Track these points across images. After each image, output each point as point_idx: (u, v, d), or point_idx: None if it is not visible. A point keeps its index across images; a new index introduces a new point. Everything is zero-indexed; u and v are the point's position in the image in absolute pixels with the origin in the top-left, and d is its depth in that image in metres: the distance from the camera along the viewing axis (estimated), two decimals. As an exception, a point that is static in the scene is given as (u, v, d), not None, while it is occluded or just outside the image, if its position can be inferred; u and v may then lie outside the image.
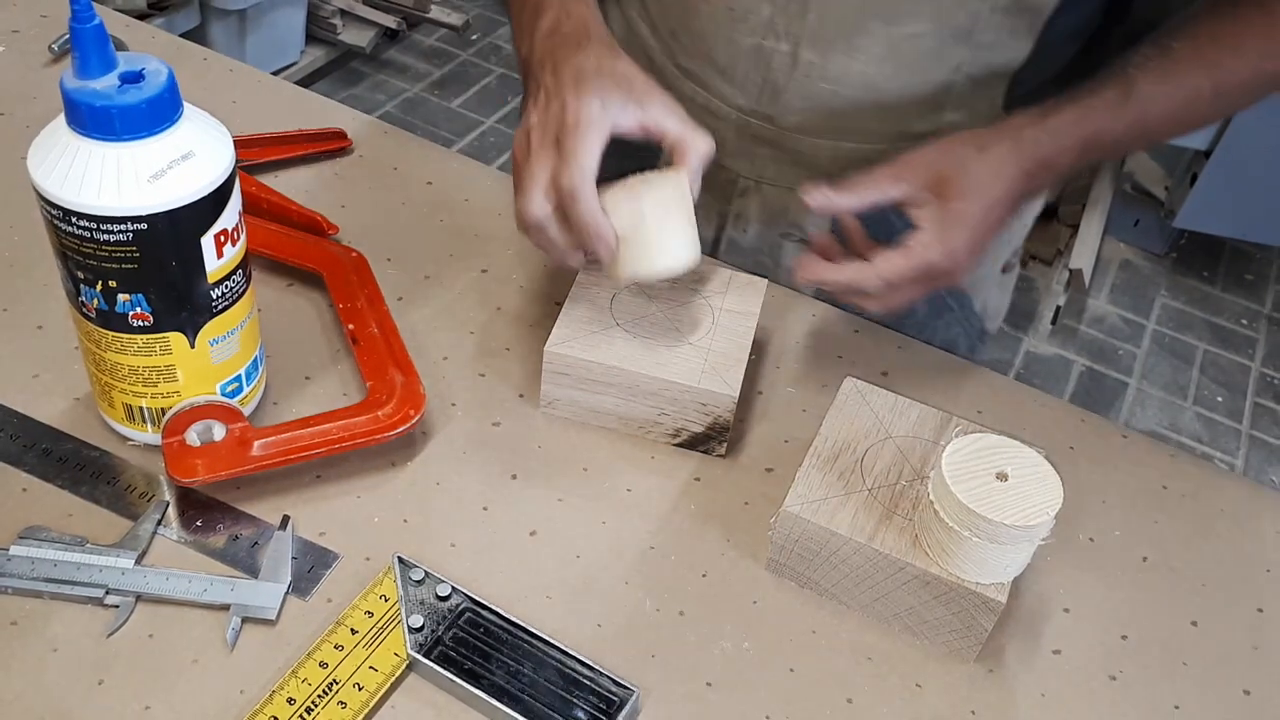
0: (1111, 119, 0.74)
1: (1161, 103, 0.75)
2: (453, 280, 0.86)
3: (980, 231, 0.73)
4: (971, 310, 0.99)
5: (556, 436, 0.76)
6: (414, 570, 0.65)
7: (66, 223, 0.59)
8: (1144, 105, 0.74)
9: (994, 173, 0.73)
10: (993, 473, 0.62)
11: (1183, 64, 0.75)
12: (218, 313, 0.65)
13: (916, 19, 0.78)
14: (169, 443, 0.67)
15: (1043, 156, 0.73)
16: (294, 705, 0.58)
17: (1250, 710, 0.67)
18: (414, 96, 3.02)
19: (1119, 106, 0.74)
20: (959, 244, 0.72)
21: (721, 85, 0.87)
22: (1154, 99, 0.75)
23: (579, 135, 0.69)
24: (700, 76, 0.88)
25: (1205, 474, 0.82)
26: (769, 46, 0.82)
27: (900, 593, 0.66)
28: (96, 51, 0.58)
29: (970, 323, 1.00)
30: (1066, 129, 0.73)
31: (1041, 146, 0.73)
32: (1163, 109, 0.75)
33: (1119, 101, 0.74)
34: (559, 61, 0.73)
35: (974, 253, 0.73)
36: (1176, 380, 2.53)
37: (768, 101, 0.86)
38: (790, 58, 0.82)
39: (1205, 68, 0.75)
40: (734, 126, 0.89)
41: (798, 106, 0.85)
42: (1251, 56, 0.75)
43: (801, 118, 0.85)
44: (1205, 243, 2.84)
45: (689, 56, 0.88)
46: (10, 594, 0.62)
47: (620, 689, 0.61)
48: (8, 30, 1.05)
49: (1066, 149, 0.74)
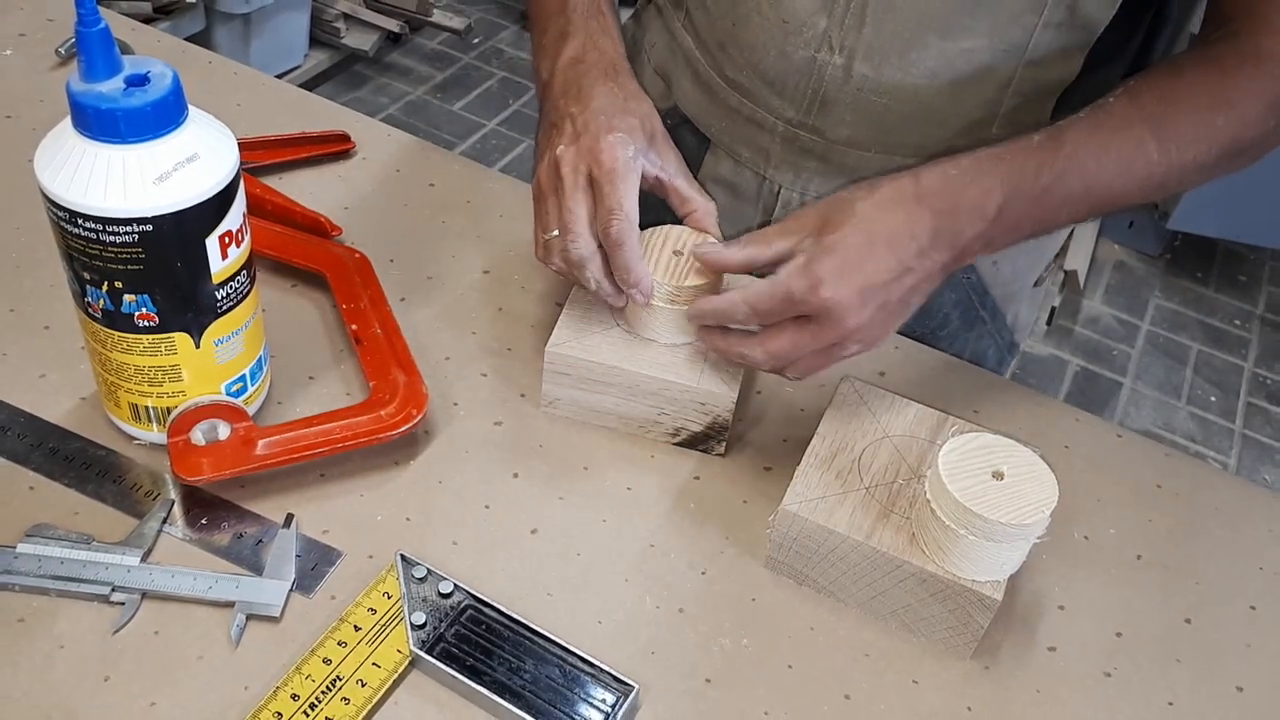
0: (1037, 161, 0.69)
1: (1096, 152, 0.70)
2: (455, 281, 0.87)
3: (860, 262, 0.66)
4: (1003, 323, 0.98)
5: (557, 436, 0.76)
6: (416, 568, 0.65)
7: (73, 224, 0.60)
8: (1076, 151, 0.69)
9: (879, 206, 0.67)
10: (989, 471, 0.63)
11: (1117, 115, 0.71)
12: (222, 313, 0.66)
13: (973, 35, 0.77)
14: (174, 442, 0.67)
15: (951, 190, 0.68)
16: (298, 701, 0.58)
17: (1243, 706, 0.67)
18: (416, 99, 3.02)
19: (1045, 150, 0.69)
20: (826, 272, 0.65)
21: (770, 97, 0.86)
22: (1086, 146, 0.70)
23: (620, 181, 0.69)
24: (748, 88, 0.87)
25: (1199, 473, 0.82)
26: (822, 59, 0.81)
27: (897, 590, 0.66)
28: (102, 55, 0.58)
29: (1001, 335, 0.99)
30: (982, 165, 0.69)
31: (949, 181, 0.68)
32: (1101, 159, 0.70)
33: (1046, 145, 0.70)
34: (585, 93, 0.73)
35: (854, 285, 0.65)
36: (1170, 380, 2.54)
37: (818, 114, 0.85)
38: (844, 70, 0.81)
39: (1145, 120, 0.71)
40: (780, 139, 0.88)
41: (848, 119, 0.84)
42: (1199, 106, 0.71)
43: (851, 130, 0.85)
44: (1198, 244, 2.85)
45: (737, 69, 0.87)
46: (17, 591, 0.62)
47: (620, 685, 0.61)
48: (14, 34, 1.05)
49: (985, 187, 0.68)
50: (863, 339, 0.68)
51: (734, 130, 0.91)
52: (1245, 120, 0.71)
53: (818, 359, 0.69)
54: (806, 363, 0.69)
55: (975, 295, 0.95)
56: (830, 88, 0.83)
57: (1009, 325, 0.99)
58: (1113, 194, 0.71)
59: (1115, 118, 0.71)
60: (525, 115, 3.00)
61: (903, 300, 0.68)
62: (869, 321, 0.67)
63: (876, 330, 0.68)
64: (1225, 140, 0.71)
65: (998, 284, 0.95)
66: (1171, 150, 0.70)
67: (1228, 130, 0.71)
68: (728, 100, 0.89)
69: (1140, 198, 0.72)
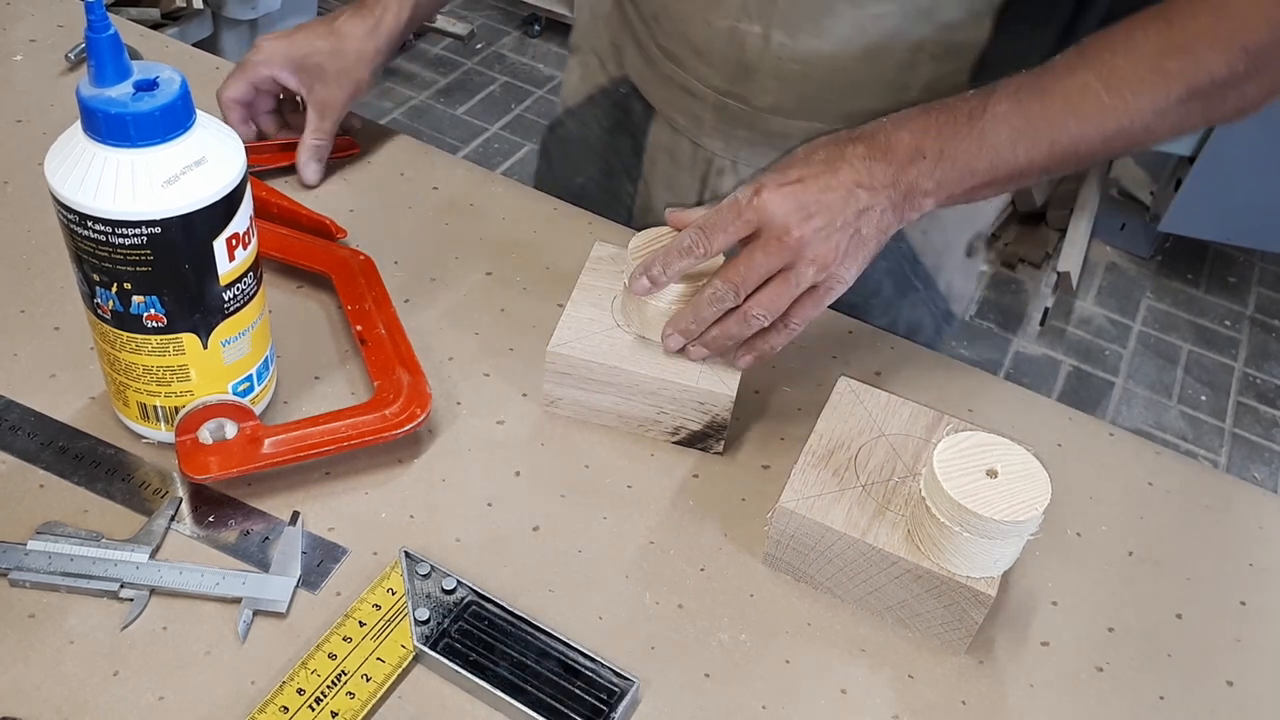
0: (969, 106, 0.71)
1: (1038, 94, 0.70)
2: (458, 282, 0.87)
3: (800, 179, 0.69)
4: (936, 291, 1.00)
5: (559, 434, 0.77)
6: (420, 564, 0.66)
7: (82, 226, 0.60)
8: (1015, 94, 0.70)
9: (817, 145, 0.72)
10: (983, 470, 0.63)
11: (1061, 65, 0.71)
12: (230, 314, 0.66)
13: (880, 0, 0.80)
14: (182, 440, 0.68)
15: (884, 132, 0.71)
16: (303, 696, 0.59)
17: (1233, 701, 0.68)
18: (420, 104, 3.03)
19: (978, 96, 0.71)
20: (767, 180, 0.70)
21: (699, 66, 0.89)
22: (1027, 90, 0.70)
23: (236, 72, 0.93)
24: (679, 57, 0.90)
25: (1189, 471, 0.83)
26: (743, 29, 0.84)
27: (893, 586, 0.66)
28: (112, 60, 0.59)
29: (935, 304, 1.01)
30: (911, 113, 0.71)
31: (880, 127, 0.71)
32: (1044, 100, 0.70)
33: (980, 93, 0.71)
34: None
35: (794, 195, 0.69)
36: (1161, 380, 2.55)
37: (742, 82, 0.88)
38: (763, 39, 0.84)
39: (1090, 66, 0.70)
40: (711, 107, 0.91)
41: (770, 87, 0.87)
42: (1149, 53, 0.70)
43: (774, 98, 0.87)
44: (1189, 246, 2.86)
45: (669, 38, 0.90)
46: (28, 588, 0.63)
47: (621, 680, 0.62)
48: (25, 39, 1.06)
49: (915, 130, 0.70)
50: (816, 258, 0.69)
51: (670, 99, 0.94)
52: (1203, 64, 0.70)
53: (781, 289, 0.70)
54: (771, 294, 0.71)
55: (907, 264, 0.97)
56: (752, 56, 0.85)
57: (943, 294, 1.01)
58: (1069, 137, 0.71)
59: (1058, 68, 0.71)
60: (527, 119, 3.01)
61: (851, 226, 0.70)
62: (815, 236, 0.69)
63: (828, 250, 0.70)
64: (1181, 84, 0.70)
65: (929, 252, 0.97)
66: (1124, 95, 0.70)
67: (1183, 75, 0.70)
68: (663, 69, 0.92)
69: (1102, 145, 0.71)
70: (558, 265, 0.89)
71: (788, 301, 0.71)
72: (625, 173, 1.02)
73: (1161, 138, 0.72)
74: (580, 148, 1.07)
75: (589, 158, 1.07)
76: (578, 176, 1.08)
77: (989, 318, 2.65)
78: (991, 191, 0.73)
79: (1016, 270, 2.77)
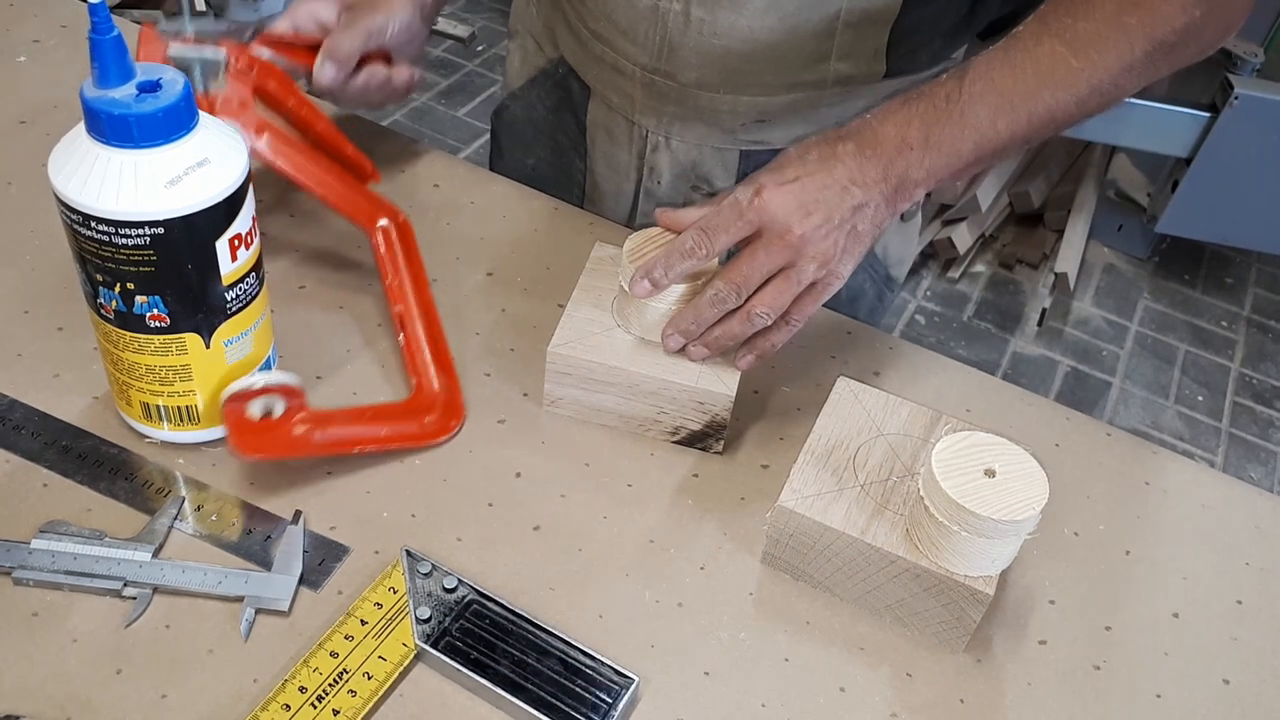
0: (945, 90, 0.72)
1: (1009, 69, 0.72)
2: (459, 283, 0.87)
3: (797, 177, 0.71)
4: (875, 257, 1.02)
5: (559, 434, 0.77)
6: (421, 563, 0.66)
7: (86, 227, 0.60)
8: (987, 72, 0.72)
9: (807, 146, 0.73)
10: (981, 469, 0.63)
11: (1025, 36, 0.73)
12: (232, 314, 0.67)
13: None
14: (232, 412, 0.68)
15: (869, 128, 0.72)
16: (305, 694, 0.59)
17: (1229, 699, 0.68)
18: (421, 105, 3.04)
19: (952, 79, 0.73)
20: (766, 180, 0.71)
21: (626, 45, 0.91)
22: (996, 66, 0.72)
23: None
24: (607, 37, 0.92)
25: (1186, 471, 0.83)
26: (664, 6, 0.86)
27: (891, 585, 0.67)
28: (115, 62, 0.59)
29: (875, 269, 1.02)
30: (892, 105, 0.73)
31: (865, 123, 0.73)
32: (1016, 73, 0.72)
33: (953, 75, 0.73)
34: None
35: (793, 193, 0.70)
36: (1158, 380, 2.55)
37: (667, 59, 0.89)
38: (683, 16, 0.86)
39: (1053, 34, 0.72)
40: (641, 84, 0.92)
41: (694, 63, 0.88)
42: (1107, 12, 0.72)
43: (699, 73, 0.89)
44: (1186, 247, 2.87)
45: (596, 19, 0.92)
46: (32, 586, 0.63)
47: (621, 678, 0.62)
48: (29, 40, 1.06)
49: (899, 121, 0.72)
50: (817, 255, 0.71)
51: (603, 78, 0.96)
52: (1160, 15, 0.72)
53: (783, 286, 0.71)
54: (774, 292, 0.71)
55: None
56: (674, 33, 0.87)
57: (881, 259, 1.02)
58: (1045, 106, 0.72)
59: (1023, 39, 0.73)
60: (527, 122, 3.02)
61: (848, 223, 0.71)
62: (815, 234, 0.70)
63: (828, 247, 0.71)
64: (1143, 38, 0.72)
65: None
66: (1091, 56, 0.72)
67: (1143, 28, 0.72)
68: (593, 49, 0.94)
69: (1076, 108, 0.73)
70: (558, 265, 0.89)
71: (789, 299, 0.72)
72: (574, 149, 1.04)
73: (1130, 91, 0.75)
74: (527, 129, 1.09)
75: (537, 139, 1.08)
76: (528, 158, 1.10)
77: (987, 318, 2.65)
78: (977, 168, 0.74)
79: (1014, 271, 2.77)
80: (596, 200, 1.05)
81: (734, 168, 0.95)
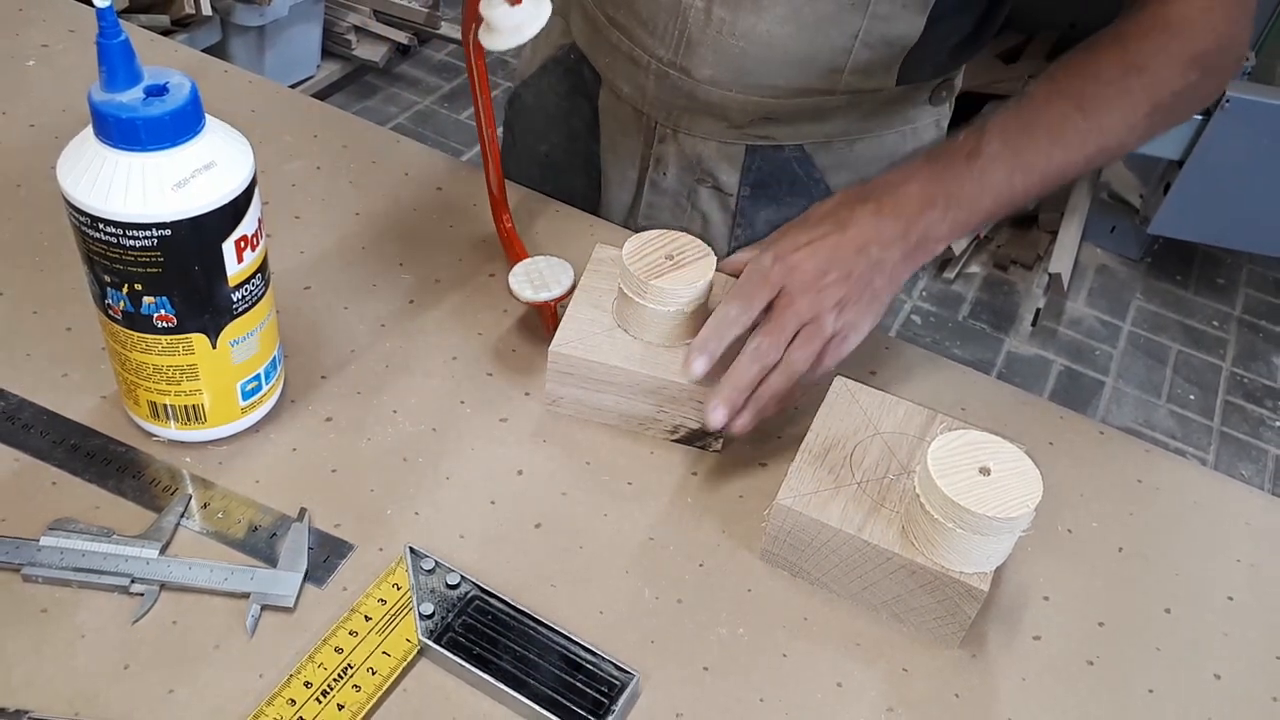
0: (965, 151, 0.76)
1: (1023, 131, 0.77)
2: (462, 283, 0.88)
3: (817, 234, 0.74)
4: None
5: (560, 433, 0.77)
6: (425, 560, 0.67)
7: (94, 229, 0.61)
8: (1002, 133, 0.76)
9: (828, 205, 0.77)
10: (976, 467, 0.64)
11: (1038, 97, 0.77)
12: (238, 314, 0.67)
13: None
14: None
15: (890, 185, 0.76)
16: (310, 689, 0.60)
17: (1221, 693, 0.68)
18: (424, 109, 3.05)
19: (970, 139, 0.76)
20: (787, 241, 0.75)
21: (644, 36, 0.92)
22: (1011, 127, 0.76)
23: None
24: (626, 27, 0.93)
25: (1178, 468, 0.83)
26: (686, 2, 0.87)
27: (888, 581, 0.67)
28: (123, 66, 0.59)
29: None
30: (914, 166, 0.77)
31: (887, 181, 0.77)
32: (1031, 134, 0.76)
33: (970, 136, 0.77)
34: None
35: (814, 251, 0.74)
36: (1151, 379, 2.57)
37: (684, 54, 0.90)
38: (704, 14, 0.87)
39: (1064, 95, 0.77)
40: (654, 76, 0.93)
41: (710, 60, 0.89)
42: (1114, 75, 0.77)
43: (713, 71, 0.90)
44: (1178, 248, 2.88)
45: (615, 8, 0.93)
46: (40, 583, 0.64)
47: (621, 673, 0.63)
48: (37, 44, 1.06)
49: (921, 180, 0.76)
50: (839, 306, 0.73)
51: (616, 67, 0.97)
52: (1160, 79, 0.77)
53: (812, 333, 0.73)
54: (802, 341, 0.73)
55: None
56: (694, 29, 0.88)
57: None
58: (1057, 164, 0.77)
59: (1036, 99, 0.78)
60: (529, 123, 3.03)
61: (865, 278, 0.74)
62: (836, 286, 0.73)
63: (849, 298, 0.73)
64: (1145, 100, 0.77)
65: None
66: (1098, 118, 0.77)
67: (1146, 91, 0.77)
68: (609, 36, 0.95)
69: (1084, 164, 0.78)
70: (558, 267, 0.90)
71: (819, 347, 0.74)
72: (588, 132, 1.05)
73: (1133, 148, 0.80)
74: (540, 116, 1.10)
75: (550, 125, 1.09)
76: (541, 145, 1.10)
77: (982, 318, 2.66)
78: (992, 220, 0.78)
79: (1009, 272, 2.79)
80: (604, 187, 1.05)
81: (739, 162, 0.96)
